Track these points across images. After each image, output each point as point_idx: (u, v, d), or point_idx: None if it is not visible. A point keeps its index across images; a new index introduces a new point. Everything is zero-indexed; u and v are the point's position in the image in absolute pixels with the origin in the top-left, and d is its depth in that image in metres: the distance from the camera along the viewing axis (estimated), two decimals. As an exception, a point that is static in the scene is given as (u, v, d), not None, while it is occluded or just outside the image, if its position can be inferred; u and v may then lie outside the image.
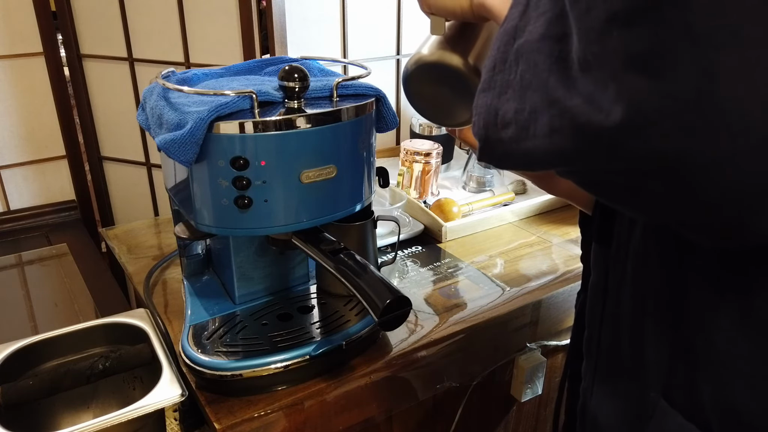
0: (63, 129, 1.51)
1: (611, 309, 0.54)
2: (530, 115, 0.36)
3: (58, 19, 1.46)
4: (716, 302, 0.41)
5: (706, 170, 0.30)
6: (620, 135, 0.31)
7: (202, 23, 1.38)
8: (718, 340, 0.42)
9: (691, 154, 0.30)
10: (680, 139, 0.30)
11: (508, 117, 0.38)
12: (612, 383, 0.55)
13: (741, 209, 0.32)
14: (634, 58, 0.30)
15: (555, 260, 1.05)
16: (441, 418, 0.93)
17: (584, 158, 0.34)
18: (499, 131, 0.39)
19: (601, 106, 0.31)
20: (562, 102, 0.33)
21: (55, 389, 0.72)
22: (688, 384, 0.45)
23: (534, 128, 0.36)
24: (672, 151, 0.30)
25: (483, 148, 0.42)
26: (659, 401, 0.47)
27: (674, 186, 0.32)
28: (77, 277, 1.17)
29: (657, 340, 0.47)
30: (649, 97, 0.29)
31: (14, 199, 1.50)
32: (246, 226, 0.70)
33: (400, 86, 1.57)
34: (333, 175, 0.71)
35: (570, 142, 0.34)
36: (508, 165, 0.42)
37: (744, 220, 0.32)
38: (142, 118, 0.80)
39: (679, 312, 0.45)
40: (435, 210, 1.14)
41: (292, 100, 0.70)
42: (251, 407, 0.71)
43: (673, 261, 0.45)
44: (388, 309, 0.64)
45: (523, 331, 0.95)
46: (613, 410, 0.54)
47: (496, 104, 0.39)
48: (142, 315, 0.82)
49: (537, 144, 0.36)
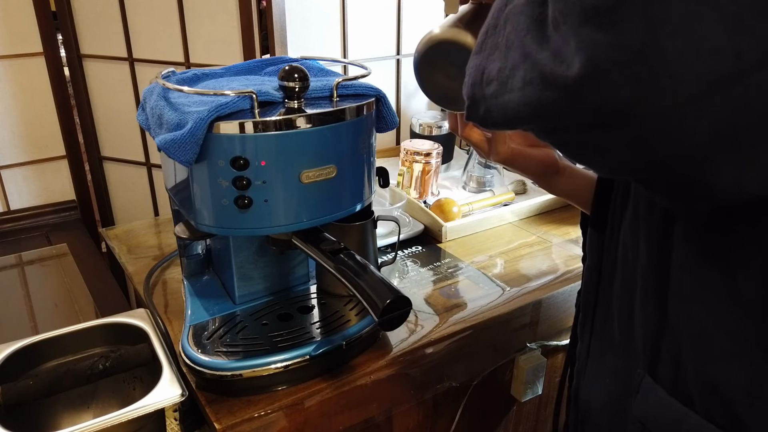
0: (63, 129, 1.51)
1: (604, 291, 0.56)
2: (510, 71, 0.38)
3: (58, 19, 1.46)
4: (700, 279, 0.43)
5: (653, 120, 0.32)
6: (579, 85, 0.33)
7: (202, 23, 1.38)
8: (701, 316, 0.43)
9: (639, 104, 0.32)
10: (629, 89, 0.31)
11: (492, 75, 0.41)
12: (602, 363, 0.56)
13: (691, 162, 0.33)
14: (589, 12, 0.32)
15: (555, 260, 1.05)
16: (441, 418, 0.93)
17: (551, 111, 0.36)
18: (484, 88, 0.41)
19: (564, 59, 0.33)
20: (534, 56, 0.36)
21: (55, 389, 0.72)
22: (673, 360, 0.46)
23: (511, 83, 0.38)
24: (622, 102, 0.32)
25: (469, 107, 0.44)
26: (644, 377, 0.49)
27: (629, 138, 0.34)
28: (77, 277, 1.17)
29: (644, 318, 0.49)
30: (601, 49, 0.31)
31: (14, 199, 1.50)
32: (246, 226, 0.70)
33: (400, 86, 1.58)
34: (333, 175, 0.71)
35: (538, 93, 0.36)
36: (489, 122, 0.43)
37: (695, 175, 0.34)
38: (142, 118, 0.80)
39: (665, 290, 0.46)
40: (435, 210, 1.14)
41: (292, 100, 0.70)
42: (251, 407, 0.71)
43: (659, 240, 0.46)
44: (388, 309, 0.64)
45: (523, 331, 0.95)
46: (603, 389, 0.56)
47: (484, 64, 0.42)
48: (142, 315, 0.82)
49: (512, 97, 0.38)
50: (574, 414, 0.62)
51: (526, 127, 0.40)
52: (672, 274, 0.45)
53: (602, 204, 0.57)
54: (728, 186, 0.33)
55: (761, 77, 0.30)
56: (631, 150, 0.35)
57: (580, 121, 0.35)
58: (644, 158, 0.35)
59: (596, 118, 0.34)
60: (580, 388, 0.60)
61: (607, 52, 0.31)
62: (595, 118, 0.34)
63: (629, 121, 0.33)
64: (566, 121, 0.36)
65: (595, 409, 0.57)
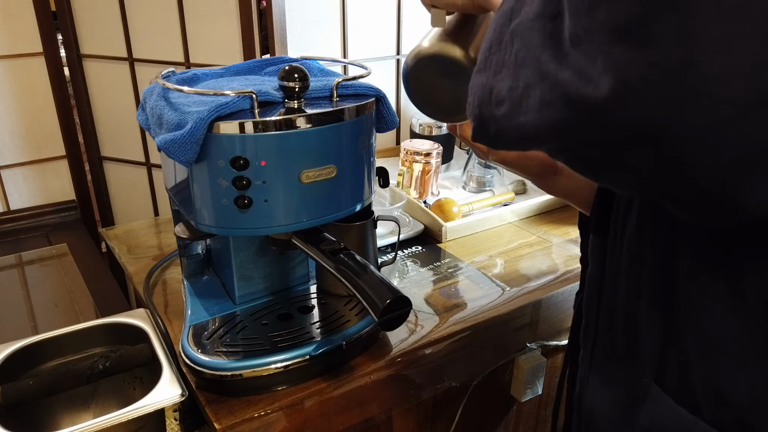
0: (63, 129, 1.51)
1: (607, 297, 0.55)
2: (523, 90, 0.37)
3: (58, 19, 1.46)
4: (707, 286, 0.42)
5: (688, 140, 0.31)
6: (608, 106, 0.32)
7: (202, 23, 1.38)
8: (708, 324, 0.43)
9: (674, 124, 0.31)
10: (664, 108, 0.30)
11: (502, 94, 0.39)
12: (606, 371, 0.56)
13: (724, 181, 0.32)
14: (619, 29, 0.30)
15: (555, 260, 1.05)
16: (441, 418, 0.93)
17: (574, 131, 0.35)
18: (493, 109, 0.40)
19: (591, 78, 0.32)
20: (554, 75, 0.34)
21: (55, 389, 0.72)
22: (680, 368, 0.46)
23: (526, 103, 0.37)
24: (656, 122, 0.31)
25: (477, 128, 0.43)
26: (651, 386, 0.48)
27: (660, 158, 0.33)
28: (77, 277, 1.17)
29: (650, 326, 0.48)
30: (634, 68, 0.30)
31: (14, 199, 1.50)
32: (246, 226, 0.70)
33: (400, 86, 1.57)
34: (333, 175, 0.71)
35: (560, 114, 0.34)
36: (501, 143, 0.42)
37: (727, 193, 0.33)
38: (142, 118, 0.80)
39: (671, 297, 0.46)
40: (435, 210, 1.14)
41: (292, 100, 0.70)
42: (251, 407, 0.71)
43: (665, 246, 0.46)
44: (388, 309, 0.64)
45: (523, 331, 0.95)
46: (607, 397, 0.55)
47: (491, 83, 0.40)
48: (142, 315, 0.82)
49: (528, 119, 0.37)
50: (577, 422, 0.61)
51: (541, 147, 0.39)
52: (678, 282, 0.45)
53: (604, 209, 0.56)
54: (760, 204, 0.33)
55: None
56: (660, 169, 0.34)
57: (608, 140, 0.34)
58: (674, 178, 0.34)
59: (627, 138, 0.33)
60: (583, 396, 0.59)
61: (640, 70, 0.30)
62: (626, 138, 0.33)
63: (663, 142, 0.32)
64: (591, 141, 0.35)
65: (599, 418, 0.56)
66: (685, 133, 0.31)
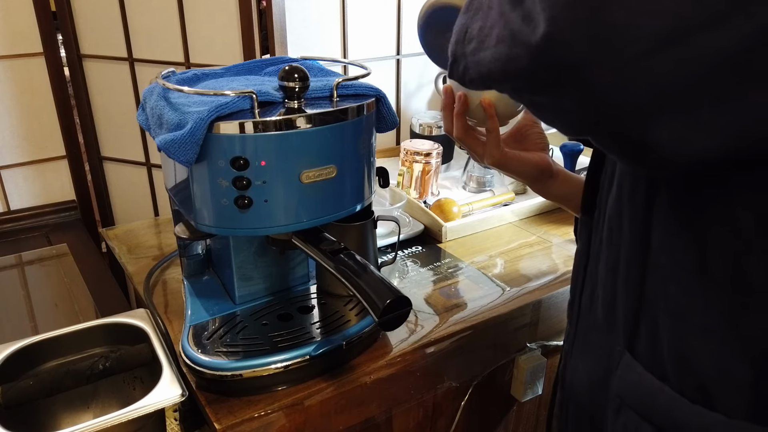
0: (63, 129, 1.51)
1: (591, 272, 0.57)
2: (488, 30, 0.41)
3: (58, 19, 1.46)
4: (676, 257, 0.45)
5: (602, 78, 0.35)
6: (541, 44, 0.35)
7: (202, 23, 1.38)
8: (676, 294, 0.45)
9: (591, 64, 0.34)
10: (582, 48, 0.34)
11: (473, 33, 0.43)
12: (587, 342, 0.58)
13: (638, 120, 0.35)
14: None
15: (555, 260, 1.05)
16: (441, 418, 0.93)
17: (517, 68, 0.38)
18: (465, 46, 0.44)
19: (532, 18, 0.36)
20: (507, 15, 0.38)
21: (55, 389, 0.72)
22: (650, 337, 0.48)
23: (488, 41, 0.41)
24: (575, 60, 0.35)
25: (451, 64, 0.46)
26: (624, 354, 0.51)
27: (582, 97, 0.36)
28: (77, 277, 1.17)
29: (625, 296, 0.50)
30: (560, 9, 0.34)
31: (14, 199, 1.49)
32: (246, 226, 0.70)
33: (400, 86, 1.57)
34: (333, 175, 0.71)
35: (507, 50, 0.38)
36: (466, 79, 0.45)
37: (641, 132, 0.36)
38: (142, 118, 0.80)
39: (645, 268, 0.48)
40: (435, 210, 1.14)
41: (292, 100, 0.70)
42: (251, 407, 0.71)
43: (641, 219, 0.48)
44: (388, 309, 0.64)
45: (523, 331, 0.95)
46: (586, 367, 0.58)
47: (468, 23, 0.44)
48: (142, 315, 0.82)
49: (487, 54, 0.41)
50: (561, 394, 0.63)
51: (498, 86, 0.42)
52: (651, 253, 0.47)
53: (592, 189, 0.59)
54: (672, 142, 0.35)
55: (703, 40, 0.32)
56: (583, 108, 0.37)
57: (540, 79, 0.37)
58: (596, 118, 0.37)
59: (552, 76, 0.36)
60: (566, 368, 0.62)
61: (564, 11, 0.34)
62: (551, 77, 0.36)
63: (582, 81, 0.35)
64: (529, 80, 0.38)
65: (579, 388, 0.58)
66: (599, 71, 0.34)
